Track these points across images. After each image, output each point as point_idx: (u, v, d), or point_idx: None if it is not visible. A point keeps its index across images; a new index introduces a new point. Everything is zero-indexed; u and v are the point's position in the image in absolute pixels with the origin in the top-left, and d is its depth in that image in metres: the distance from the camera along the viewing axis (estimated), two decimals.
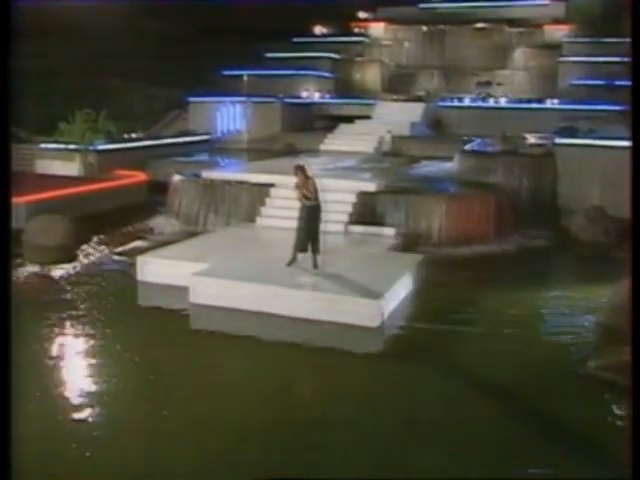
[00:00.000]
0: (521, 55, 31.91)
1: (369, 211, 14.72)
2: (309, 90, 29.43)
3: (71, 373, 8.64)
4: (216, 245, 13.34)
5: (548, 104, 25.10)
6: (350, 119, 25.59)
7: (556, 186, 17.01)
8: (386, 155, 21.85)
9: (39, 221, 13.94)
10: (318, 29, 35.96)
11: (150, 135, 23.97)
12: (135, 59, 27.25)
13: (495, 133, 20.76)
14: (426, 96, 29.28)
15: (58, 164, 19.24)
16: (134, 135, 22.61)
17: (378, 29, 35.41)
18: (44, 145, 19.90)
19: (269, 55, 31.15)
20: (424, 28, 34.41)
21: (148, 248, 13.58)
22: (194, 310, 10.75)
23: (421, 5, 36.01)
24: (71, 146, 19.10)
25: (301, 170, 11.60)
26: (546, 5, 33.51)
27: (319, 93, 29.42)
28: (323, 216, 11.63)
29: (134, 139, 22.21)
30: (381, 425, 7.34)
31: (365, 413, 7.58)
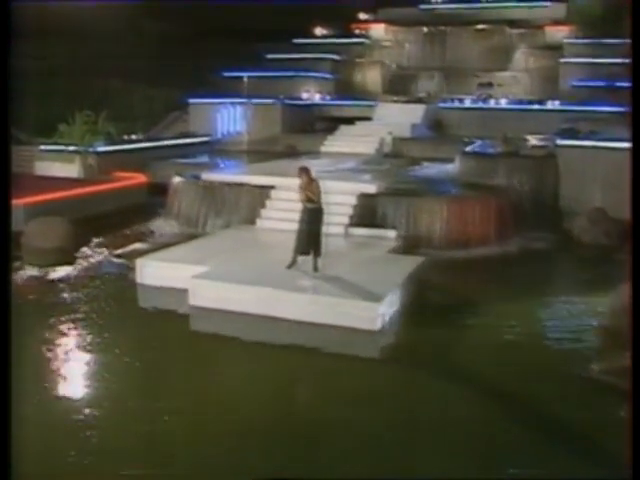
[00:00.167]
0: (522, 56, 31.82)
1: (370, 213, 14.65)
2: (309, 91, 29.37)
3: (70, 376, 8.58)
4: (216, 247, 13.29)
5: (549, 105, 25.03)
6: (351, 120, 25.53)
7: (558, 188, 16.95)
8: (387, 157, 21.80)
9: (38, 223, 13.87)
10: (319, 30, 35.93)
11: (150, 137, 23.94)
12: (135, 60, 27.19)
13: (496, 134, 20.73)
14: (427, 97, 29.23)
15: (58, 166, 19.21)
16: (134, 137, 22.54)
17: (379, 30, 35.37)
18: (44, 147, 19.89)
19: (269, 56, 31.09)
20: (425, 29, 34.36)
21: (147, 250, 13.56)
22: (193, 313, 10.70)
23: (422, 6, 36.03)
24: (71, 148, 19.09)
25: (305, 172, 11.52)
26: (547, 6, 33.52)
27: (319, 94, 29.35)
28: (324, 218, 11.57)
29: (134, 141, 22.15)
30: (381, 428, 7.27)
31: (365, 416, 7.51)
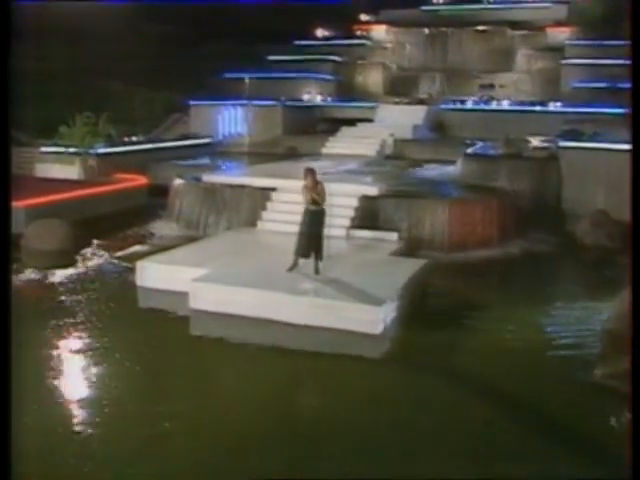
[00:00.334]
0: (524, 58, 31.71)
1: (371, 215, 14.60)
2: (311, 93, 29.31)
3: (70, 379, 8.55)
4: (216, 250, 13.22)
5: (551, 107, 24.94)
6: (352, 122, 25.45)
7: (560, 190, 16.91)
8: (388, 158, 21.76)
9: (38, 225, 13.82)
10: (320, 32, 35.85)
11: (151, 138, 23.88)
12: (136, 61, 27.18)
13: (498, 136, 20.65)
14: (428, 99, 29.13)
15: (58, 168, 19.14)
16: (134, 138, 22.47)
17: (380, 32, 35.27)
18: (44, 148, 19.85)
19: (271, 58, 31.04)
20: (426, 31, 34.24)
21: (148, 253, 13.50)
22: (194, 316, 10.65)
23: (423, 7, 35.92)
24: (71, 149, 19.02)
25: (311, 173, 11.48)
26: (548, 7, 33.44)
27: (321, 96, 29.28)
28: (326, 220, 11.51)
29: (134, 142, 22.08)
30: (381, 431, 7.24)
31: (366, 419, 7.48)
